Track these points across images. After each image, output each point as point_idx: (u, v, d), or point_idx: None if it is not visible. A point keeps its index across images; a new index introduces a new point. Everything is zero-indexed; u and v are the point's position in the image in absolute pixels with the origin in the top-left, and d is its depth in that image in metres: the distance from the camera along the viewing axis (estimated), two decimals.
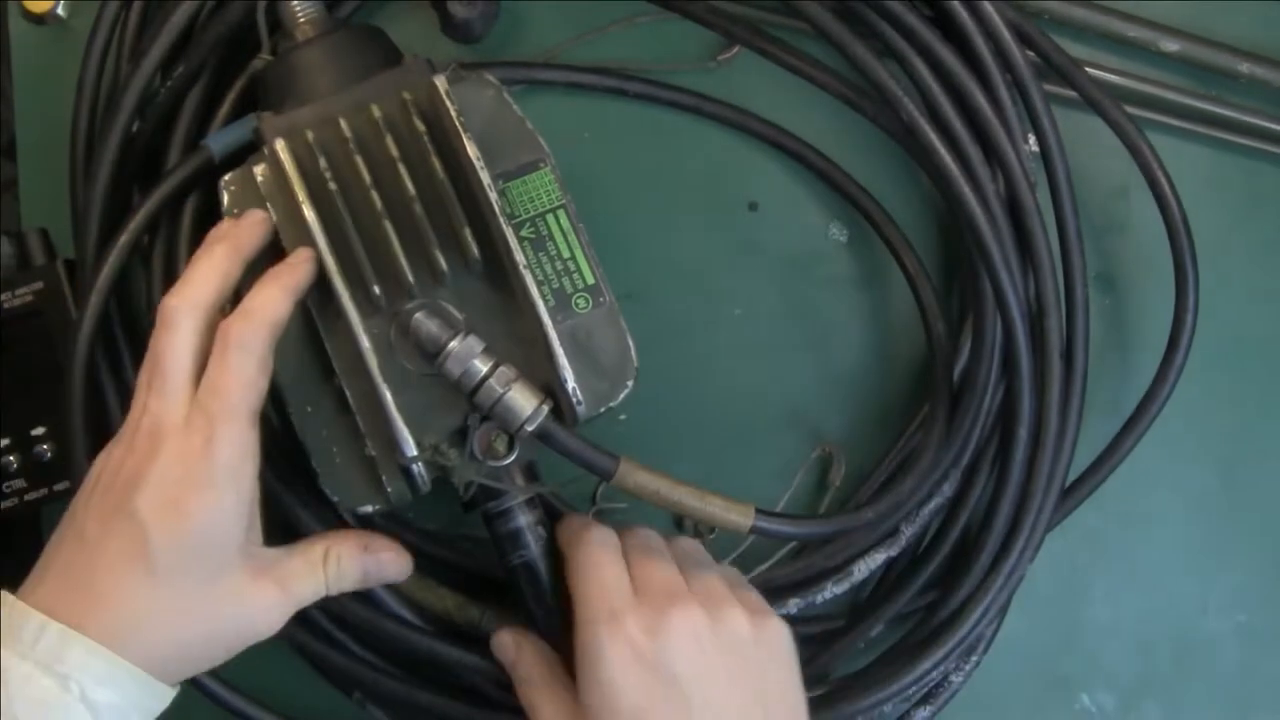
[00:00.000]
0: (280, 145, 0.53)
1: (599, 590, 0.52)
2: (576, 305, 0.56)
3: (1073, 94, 0.64)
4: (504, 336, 0.54)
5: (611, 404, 0.55)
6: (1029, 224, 0.61)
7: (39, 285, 0.63)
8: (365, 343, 0.52)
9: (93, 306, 0.58)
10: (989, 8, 0.60)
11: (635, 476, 0.53)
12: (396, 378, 0.53)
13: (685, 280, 0.68)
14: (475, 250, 0.53)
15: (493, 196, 0.53)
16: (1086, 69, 0.64)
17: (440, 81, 0.54)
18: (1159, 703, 0.68)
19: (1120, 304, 0.68)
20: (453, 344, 0.52)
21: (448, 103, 0.53)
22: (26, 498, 0.63)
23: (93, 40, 0.62)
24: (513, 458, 0.54)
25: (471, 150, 0.53)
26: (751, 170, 0.68)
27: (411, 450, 0.53)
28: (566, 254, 0.56)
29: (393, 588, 0.60)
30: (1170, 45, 0.67)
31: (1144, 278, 0.68)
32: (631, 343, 0.56)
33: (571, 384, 0.53)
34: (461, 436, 0.54)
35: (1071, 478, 0.64)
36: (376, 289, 0.53)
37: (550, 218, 0.56)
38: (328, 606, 0.60)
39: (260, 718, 0.61)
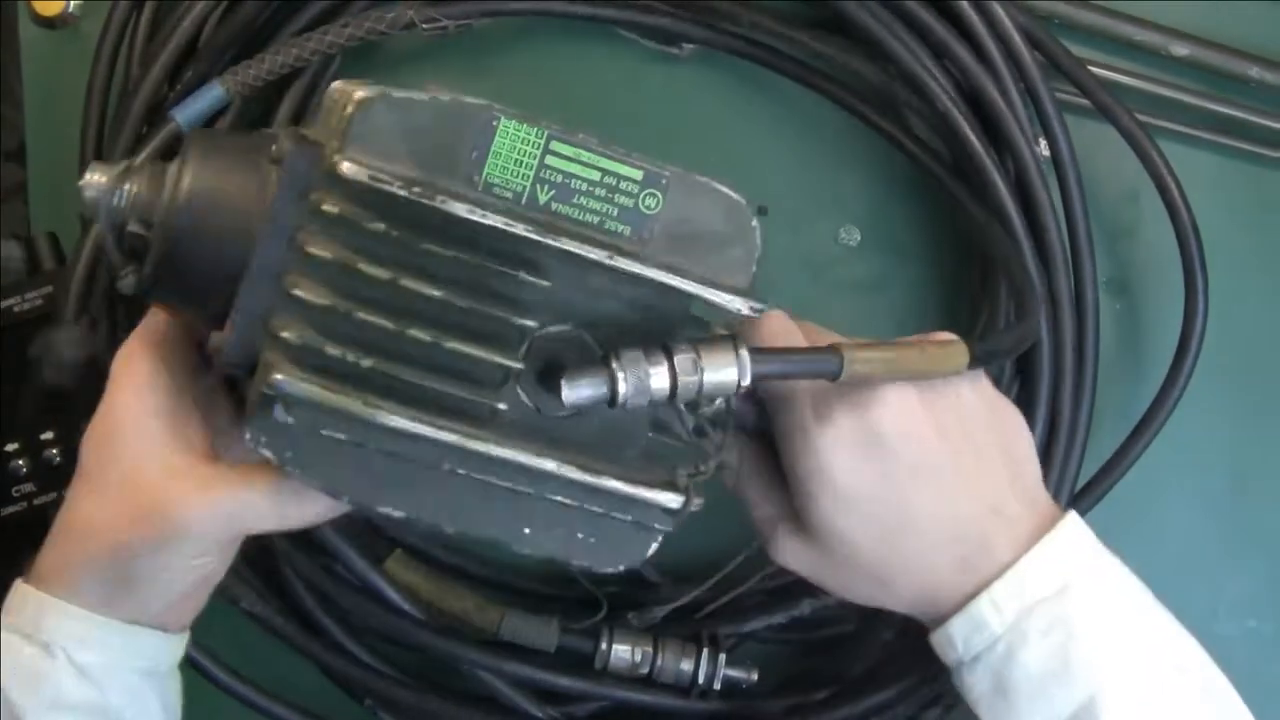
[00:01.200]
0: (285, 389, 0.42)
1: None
2: (646, 208, 0.45)
3: (1083, 99, 0.64)
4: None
5: (757, 255, 0.46)
6: (1043, 220, 0.61)
7: (48, 289, 0.63)
8: (549, 464, 0.44)
9: None
10: (999, 10, 0.60)
11: (859, 359, 0.45)
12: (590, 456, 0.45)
13: None
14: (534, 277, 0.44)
15: (487, 218, 0.43)
16: (1096, 73, 0.64)
17: (334, 156, 0.42)
18: None
19: (1130, 309, 0.68)
20: (620, 386, 0.42)
21: (362, 165, 0.41)
22: (35, 501, 0.63)
23: (102, 45, 0.63)
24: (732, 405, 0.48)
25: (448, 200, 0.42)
26: (761, 174, 0.68)
27: (677, 503, 0.46)
28: (596, 175, 0.45)
29: (412, 589, 0.60)
30: (1180, 49, 0.66)
31: (1154, 283, 0.68)
32: (722, 185, 0.46)
33: (715, 296, 0.45)
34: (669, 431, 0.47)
35: (1081, 482, 0.64)
36: (501, 405, 0.44)
37: (550, 159, 0.44)
38: (336, 612, 0.60)
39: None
